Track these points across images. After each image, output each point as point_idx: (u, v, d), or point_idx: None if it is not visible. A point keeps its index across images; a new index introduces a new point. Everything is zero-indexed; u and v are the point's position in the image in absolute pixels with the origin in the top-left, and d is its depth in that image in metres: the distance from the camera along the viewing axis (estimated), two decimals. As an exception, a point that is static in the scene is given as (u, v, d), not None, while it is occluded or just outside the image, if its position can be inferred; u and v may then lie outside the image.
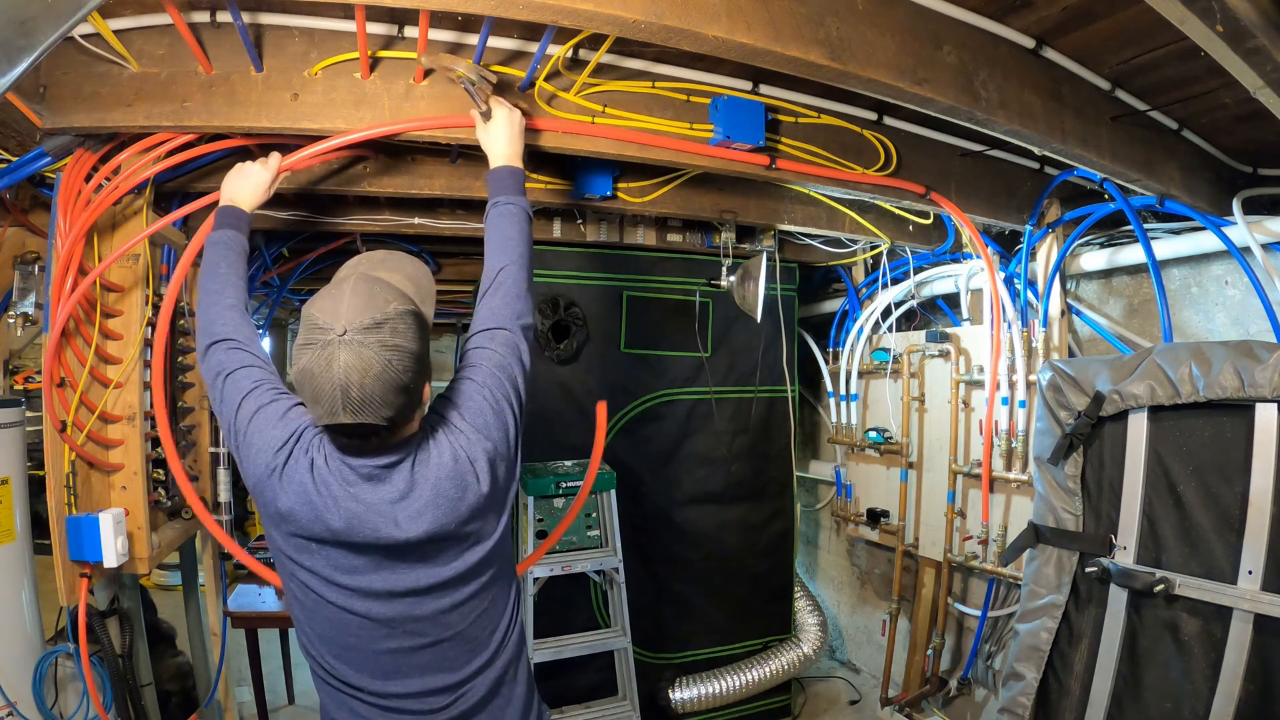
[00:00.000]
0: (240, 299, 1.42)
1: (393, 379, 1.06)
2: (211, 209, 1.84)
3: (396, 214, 2.65)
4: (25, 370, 3.15)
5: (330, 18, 1.63)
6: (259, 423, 1.20)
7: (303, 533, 1.16)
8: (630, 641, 2.81)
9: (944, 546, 2.95)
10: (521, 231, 1.46)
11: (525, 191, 1.55)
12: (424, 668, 1.23)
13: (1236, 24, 1.20)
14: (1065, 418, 2.09)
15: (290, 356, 1.33)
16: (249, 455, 1.19)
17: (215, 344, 1.32)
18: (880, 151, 2.21)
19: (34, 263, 1.99)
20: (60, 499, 1.76)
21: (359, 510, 1.14)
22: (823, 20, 1.45)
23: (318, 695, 1.33)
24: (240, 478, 1.30)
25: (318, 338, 1.05)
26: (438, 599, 1.21)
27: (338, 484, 1.14)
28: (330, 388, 1.04)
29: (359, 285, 1.09)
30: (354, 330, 1.04)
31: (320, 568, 1.18)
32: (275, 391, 1.25)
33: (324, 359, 1.04)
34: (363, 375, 1.04)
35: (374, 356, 1.05)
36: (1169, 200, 2.20)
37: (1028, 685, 2.12)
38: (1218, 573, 1.79)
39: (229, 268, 1.47)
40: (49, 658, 1.90)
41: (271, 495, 1.16)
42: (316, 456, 1.15)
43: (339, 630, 1.22)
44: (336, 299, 1.08)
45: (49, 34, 1.01)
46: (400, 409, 1.10)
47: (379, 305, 1.07)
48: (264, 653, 3.07)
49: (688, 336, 3.15)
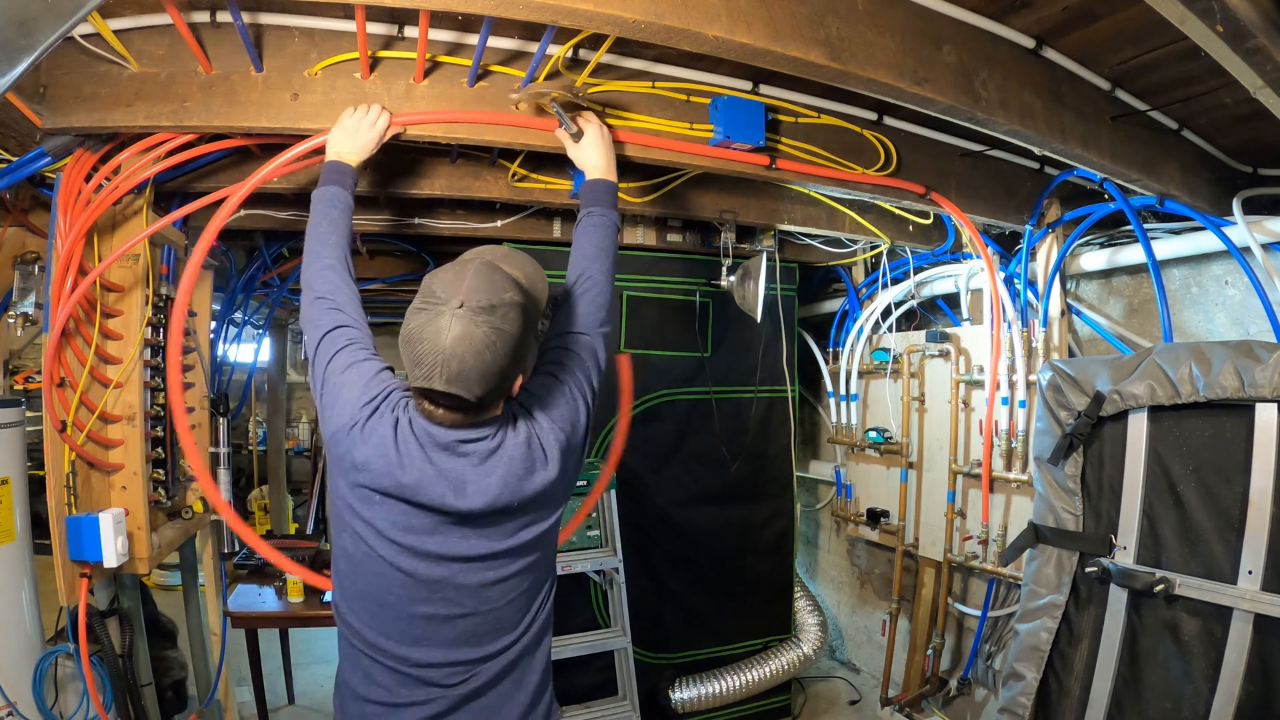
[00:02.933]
0: (339, 258, 1.47)
1: (491, 361, 1.11)
2: (211, 209, 1.85)
3: (396, 214, 2.65)
4: (25, 370, 3.15)
5: (330, 18, 1.63)
6: (349, 377, 1.27)
7: (372, 484, 1.20)
8: (630, 641, 2.81)
9: (944, 546, 2.95)
10: (612, 244, 1.58)
11: (617, 204, 1.66)
12: (451, 640, 1.26)
13: (1236, 24, 1.20)
14: (1065, 418, 2.09)
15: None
16: (334, 405, 1.25)
17: (316, 300, 1.40)
18: (880, 151, 2.21)
19: (34, 263, 1.99)
20: (60, 499, 1.76)
21: (431, 473, 1.19)
22: (823, 20, 1.45)
23: (338, 660, 1.35)
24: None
25: (434, 305, 1.11)
26: (482, 571, 1.25)
27: (417, 445, 1.19)
28: (434, 354, 1.10)
29: (482, 269, 1.16)
30: (470, 306, 1.10)
31: (378, 520, 1.22)
32: (368, 352, 1.32)
33: (435, 326, 1.10)
34: (466, 350, 1.09)
35: (481, 335, 1.10)
36: (1169, 200, 2.20)
37: (1028, 685, 2.12)
38: (1218, 573, 1.79)
39: (330, 226, 1.52)
40: (49, 658, 1.90)
41: (349, 445, 1.21)
42: (401, 416, 1.21)
43: (380, 587, 1.25)
44: (460, 275, 1.14)
45: (49, 34, 1.01)
46: (491, 391, 1.15)
47: (497, 290, 1.13)
48: (264, 653, 3.07)
49: (688, 336, 3.15)
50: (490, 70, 1.75)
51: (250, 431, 6.22)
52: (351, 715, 1.31)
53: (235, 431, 5.69)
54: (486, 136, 1.78)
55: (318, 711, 3.45)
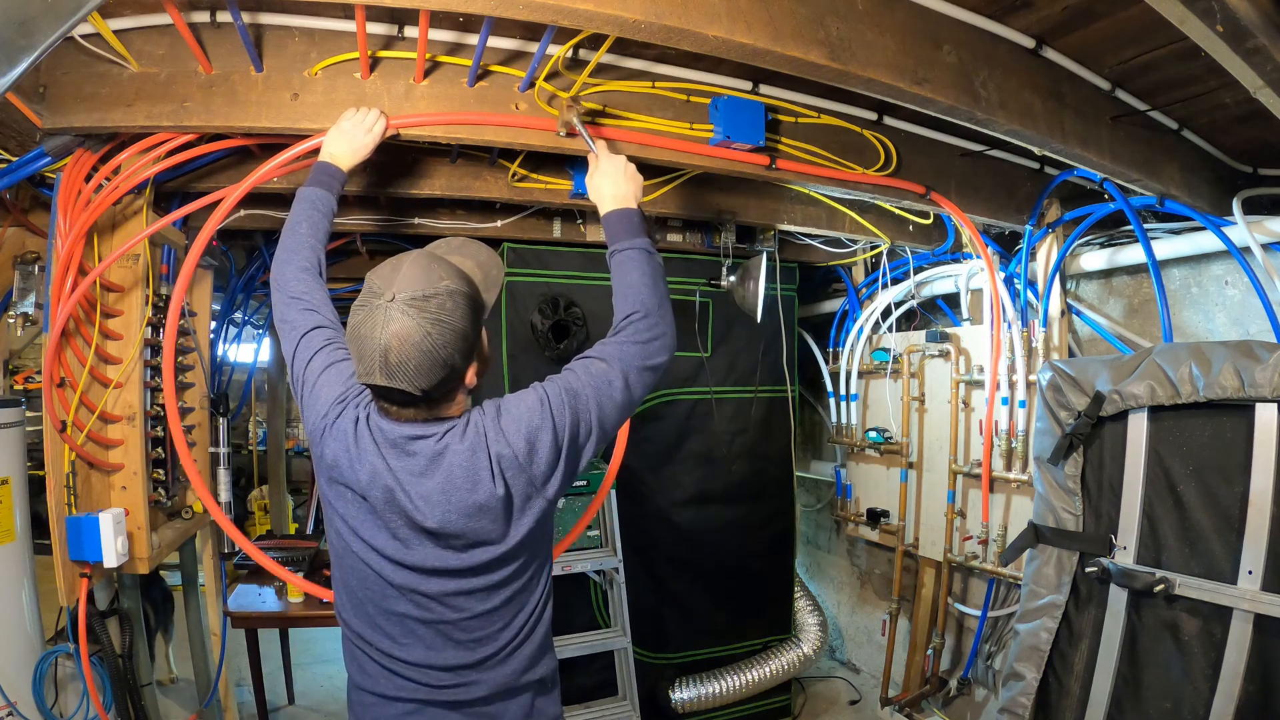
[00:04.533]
0: (314, 262, 1.47)
1: (431, 351, 1.11)
2: (210, 210, 1.85)
3: (396, 214, 2.65)
4: (25, 370, 3.16)
5: (330, 18, 1.63)
6: (328, 376, 1.29)
7: (341, 480, 1.23)
8: (630, 641, 2.81)
9: (944, 546, 2.95)
10: (643, 274, 1.42)
11: (643, 229, 1.50)
12: (428, 641, 1.26)
13: (1236, 24, 1.20)
14: (1065, 418, 2.09)
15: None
16: (312, 404, 1.28)
17: (291, 300, 1.41)
18: (880, 151, 2.21)
19: (34, 263, 1.99)
20: (60, 499, 1.76)
21: (382, 468, 1.19)
22: (823, 20, 1.45)
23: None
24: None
25: (370, 300, 1.12)
26: (444, 581, 1.24)
27: (371, 441, 1.20)
28: (372, 348, 1.10)
29: (418, 259, 1.16)
30: (402, 298, 1.10)
31: (350, 517, 1.24)
32: (345, 352, 1.31)
33: (371, 321, 1.11)
34: (402, 342, 1.09)
35: (415, 326, 1.10)
36: (1169, 200, 2.20)
37: (1028, 685, 2.12)
38: (1218, 573, 1.79)
39: (310, 229, 1.51)
40: (49, 658, 1.91)
41: (322, 444, 1.24)
42: (361, 414, 1.22)
43: (359, 581, 1.27)
44: (395, 268, 1.14)
45: (49, 34, 1.01)
46: (436, 383, 1.14)
47: (432, 281, 1.13)
48: (264, 653, 3.07)
49: (688, 336, 3.14)
50: (490, 70, 1.75)
51: (250, 431, 6.22)
52: (354, 704, 1.34)
53: (235, 431, 5.70)
54: (486, 136, 1.78)
55: (318, 711, 3.45)
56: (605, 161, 1.59)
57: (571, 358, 1.35)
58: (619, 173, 1.57)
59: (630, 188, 1.57)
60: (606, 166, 1.58)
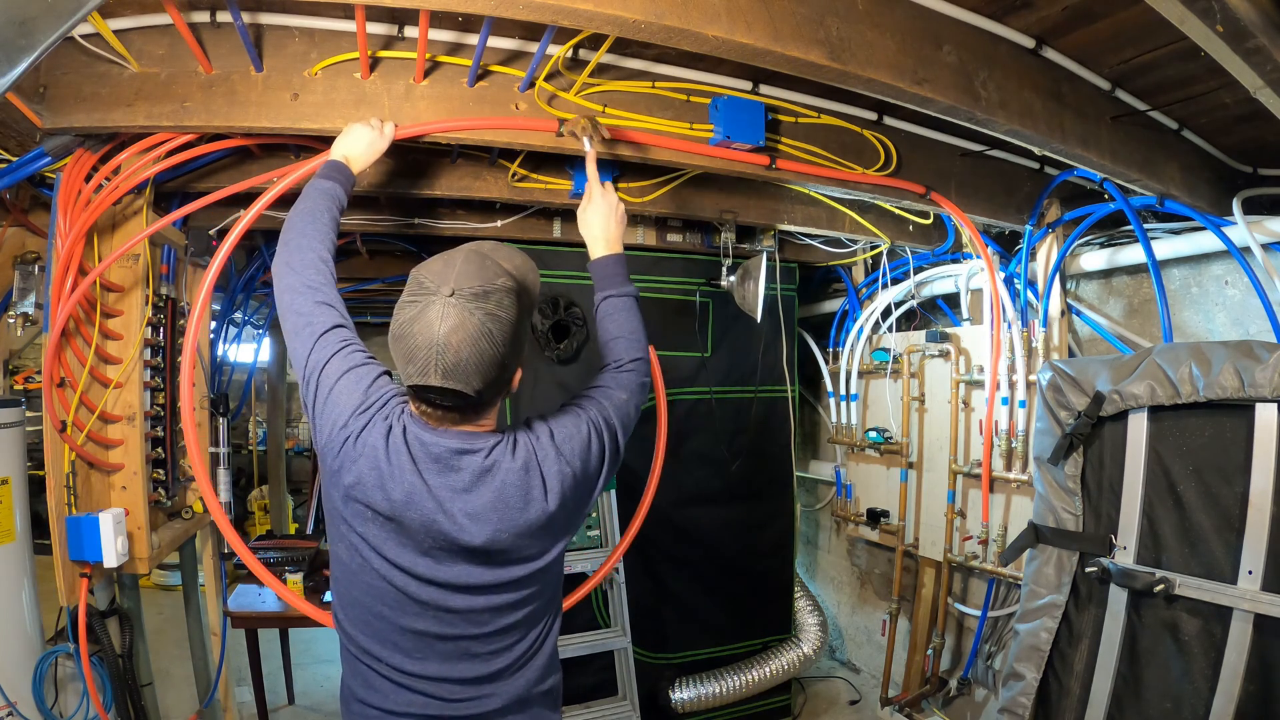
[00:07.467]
0: (331, 253, 1.38)
1: (489, 350, 1.07)
2: (211, 209, 1.84)
3: (396, 214, 2.65)
4: (25, 370, 3.16)
5: (330, 18, 1.63)
6: (345, 384, 1.19)
7: (363, 499, 1.15)
8: (630, 641, 2.81)
9: (944, 546, 2.95)
10: (640, 322, 1.52)
11: (628, 275, 1.55)
12: (445, 655, 1.23)
13: (1236, 24, 1.20)
14: (1065, 418, 2.09)
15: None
16: (327, 414, 1.18)
17: (306, 289, 1.30)
18: (880, 151, 2.21)
19: (34, 263, 1.99)
20: (60, 499, 1.76)
21: (420, 488, 1.13)
22: (823, 20, 1.45)
23: (341, 666, 1.34)
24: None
25: (423, 296, 1.07)
26: (472, 598, 1.21)
27: (408, 457, 1.13)
28: (427, 346, 1.05)
29: (472, 256, 1.12)
30: (461, 293, 1.06)
31: (371, 536, 1.17)
32: (364, 355, 1.24)
33: (426, 318, 1.05)
34: (461, 339, 1.05)
35: (475, 323, 1.06)
36: (1169, 200, 2.20)
37: (1028, 685, 2.12)
38: (1218, 573, 1.79)
39: (329, 220, 1.43)
40: (49, 658, 1.90)
41: (341, 462, 1.15)
42: (395, 425, 1.15)
43: (374, 598, 1.21)
44: (448, 264, 1.10)
45: (49, 34, 1.01)
46: (490, 383, 1.10)
47: (489, 277, 1.09)
48: (264, 653, 3.07)
49: (688, 336, 3.14)
50: (490, 70, 1.75)
51: (250, 431, 6.23)
52: (355, 715, 1.30)
53: (235, 431, 5.70)
54: (487, 137, 1.78)
55: (318, 711, 3.45)
56: (600, 200, 1.57)
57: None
58: (612, 212, 1.57)
59: (619, 231, 1.58)
60: (601, 205, 1.57)
